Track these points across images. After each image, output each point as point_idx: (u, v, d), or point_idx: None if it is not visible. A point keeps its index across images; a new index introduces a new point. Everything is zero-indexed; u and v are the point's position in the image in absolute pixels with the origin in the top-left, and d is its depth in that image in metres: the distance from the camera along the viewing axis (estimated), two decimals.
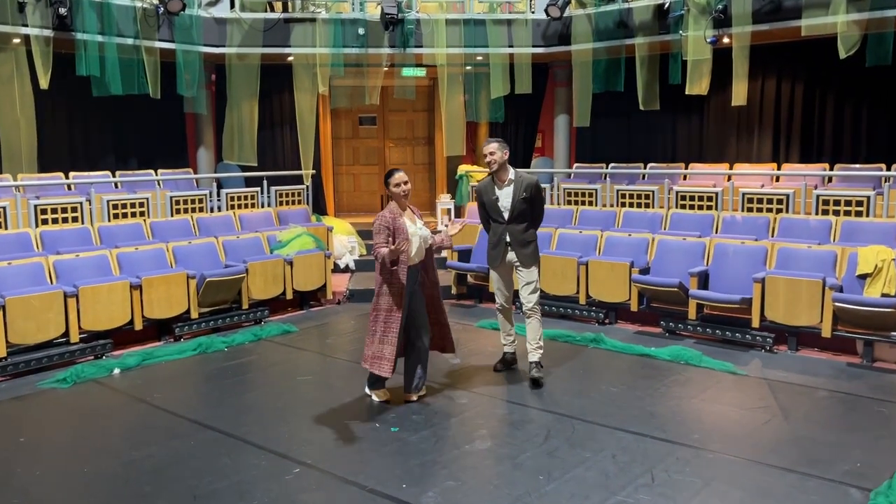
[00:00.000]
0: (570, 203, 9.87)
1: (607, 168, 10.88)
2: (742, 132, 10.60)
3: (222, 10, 10.31)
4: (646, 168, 10.67)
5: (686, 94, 9.65)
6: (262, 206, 10.12)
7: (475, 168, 11.55)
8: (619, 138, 11.65)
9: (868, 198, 7.64)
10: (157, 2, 9.51)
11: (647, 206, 9.16)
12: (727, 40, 9.25)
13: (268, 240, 8.70)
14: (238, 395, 5.73)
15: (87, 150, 10.36)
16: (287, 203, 10.50)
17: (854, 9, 8.15)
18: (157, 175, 10.21)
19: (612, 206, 9.48)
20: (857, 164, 9.40)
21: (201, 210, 9.39)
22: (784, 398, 5.41)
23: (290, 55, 10.57)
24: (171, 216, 9.01)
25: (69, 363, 6.41)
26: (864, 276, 6.38)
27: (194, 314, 7.43)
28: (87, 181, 9.33)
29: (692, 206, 8.79)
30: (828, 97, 9.90)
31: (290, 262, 8.33)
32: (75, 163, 10.05)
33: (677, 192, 9.00)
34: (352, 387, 5.71)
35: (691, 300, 7.02)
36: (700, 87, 9.53)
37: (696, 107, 10.70)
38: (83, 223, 8.20)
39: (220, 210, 9.68)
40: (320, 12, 10.49)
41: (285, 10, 10.69)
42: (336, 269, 9.71)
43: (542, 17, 10.58)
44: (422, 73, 11.71)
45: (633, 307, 7.49)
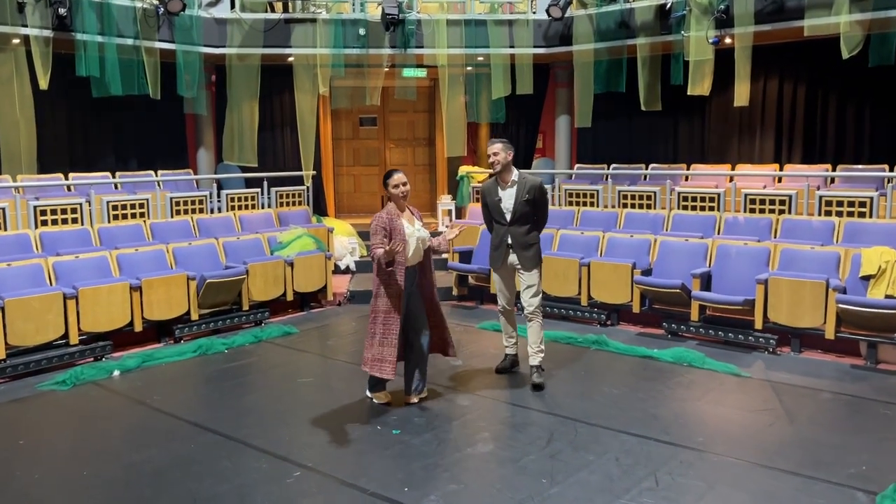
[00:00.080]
0: (571, 204, 9.84)
1: (609, 169, 10.84)
2: (744, 133, 10.57)
3: (222, 11, 10.29)
4: (647, 169, 10.63)
5: (688, 94, 9.62)
6: (263, 207, 10.10)
7: (476, 169, 11.52)
8: (621, 139, 11.62)
9: (871, 199, 7.61)
10: (157, 2, 9.48)
11: (649, 207, 9.13)
12: (729, 41, 9.23)
13: (268, 241, 8.69)
14: (238, 397, 5.71)
15: (87, 150, 10.33)
16: (287, 204, 10.48)
17: (857, 9, 8.12)
18: (157, 176, 10.20)
19: (613, 207, 9.45)
20: (860, 165, 9.36)
21: (201, 211, 9.36)
22: (788, 400, 5.39)
23: (290, 56, 10.55)
24: (171, 217, 8.99)
25: (69, 365, 6.39)
26: (867, 278, 6.37)
27: (194, 316, 7.40)
28: (87, 182, 9.31)
29: (694, 207, 8.77)
30: (830, 97, 9.87)
31: (291, 264, 8.31)
32: (75, 164, 10.02)
33: (679, 193, 8.97)
34: (353, 389, 5.68)
35: (694, 302, 6.99)
36: (702, 88, 9.51)
37: (698, 107, 10.67)
38: (83, 224, 8.16)
39: (220, 211, 9.65)
40: (321, 13, 10.47)
41: (286, 10, 10.67)
42: (336, 270, 9.69)
43: (544, 17, 10.56)
44: (422, 73, 11.68)
45: (636, 309, 7.47)
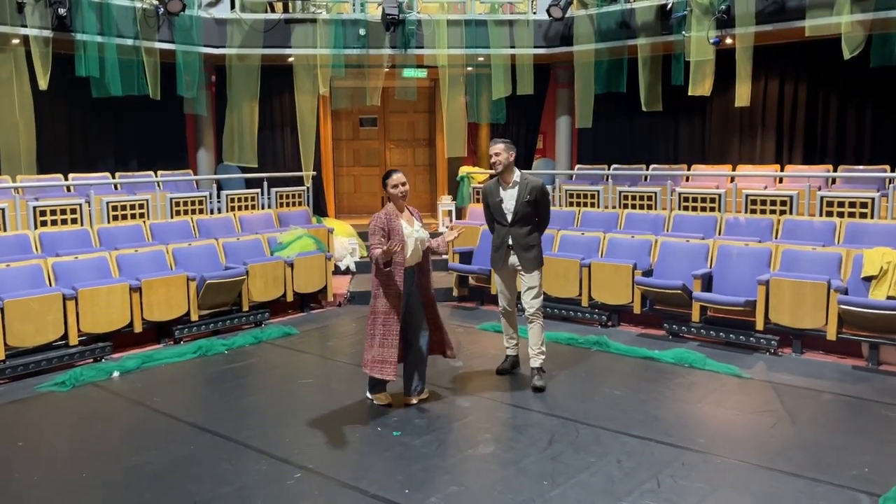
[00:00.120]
0: (572, 205, 9.83)
1: (609, 169, 10.82)
2: (745, 133, 10.55)
3: (222, 11, 10.27)
4: (648, 169, 10.61)
5: (689, 95, 9.60)
6: (263, 208, 10.09)
7: (476, 169, 11.51)
8: (622, 139, 11.60)
9: (872, 199, 7.61)
10: (156, 2, 9.47)
11: (650, 207, 9.12)
12: (730, 41, 9.22)
13: (268, 241, 8.68)
14: (238, 398, 5.69)
15: (87, 151, 10.31)
16: (287, 205, 10.47)
17: (858, 9, 8.11)
18: (156, 176, 10.18)
19: (614, 207, 9.43)
20: (861, 166, 9.34)
21: (201, 212, 9.35)
22: (789, 401, 5.37)
23: (290, 56, 10.53)
24: (171, 218, 8.98)
25: (68, 366, 6.37)
26: (869, 279, 6.35)
27: (194, 316, 7.38)
28: (87, 183, 9.30)
29: (695, 208, 8.75)
30: (831, 98, 9.85)
31: (291, 264, 8.29)
32: (74, 164, 9.99)
33: (680, 194, 8.96)
34: (353, 390, 5.66)
35: (695, 302, 6.97)
36: (703, 88, 9.50)
37: (699, 108, 10.65)
38: (82, 225, 8.15)
39: (220, 212, 9.64)
40: (321, 13, 10.46)
41: (286, 10, 10.65)
42: (337, 270, 9.67)
43: (544, 17, 10.54)
44: (423, 74, 11.66)
45: (636, 309, 7.45)
